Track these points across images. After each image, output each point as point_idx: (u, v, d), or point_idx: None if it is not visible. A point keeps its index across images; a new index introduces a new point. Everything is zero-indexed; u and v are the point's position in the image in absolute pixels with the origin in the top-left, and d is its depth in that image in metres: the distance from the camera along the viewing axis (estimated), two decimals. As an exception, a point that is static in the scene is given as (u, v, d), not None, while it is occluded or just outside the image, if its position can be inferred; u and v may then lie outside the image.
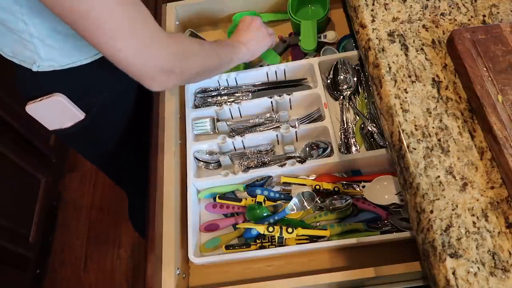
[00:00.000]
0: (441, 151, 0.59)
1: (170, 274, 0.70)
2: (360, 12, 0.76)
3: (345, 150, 0.82)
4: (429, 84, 0.65)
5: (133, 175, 1.14)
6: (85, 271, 1.68)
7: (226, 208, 0.81)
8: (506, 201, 0.55)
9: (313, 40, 0.95)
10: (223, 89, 0.92)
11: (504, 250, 0.51)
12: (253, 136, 0.85)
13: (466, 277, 0.50)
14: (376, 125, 0.83)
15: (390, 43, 0.70)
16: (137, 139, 0.97)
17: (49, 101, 0.76)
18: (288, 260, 0.76)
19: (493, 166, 0.57)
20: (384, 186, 0.78)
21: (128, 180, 1.19)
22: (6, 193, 1.48)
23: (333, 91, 0.90)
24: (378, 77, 0.68)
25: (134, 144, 1.00)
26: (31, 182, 1.66)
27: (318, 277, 0.69)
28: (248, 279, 0.76)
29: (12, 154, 1.50)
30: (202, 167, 0.87)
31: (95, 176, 1.88)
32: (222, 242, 0.78)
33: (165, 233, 0.74)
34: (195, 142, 0.86)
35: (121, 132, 0.96)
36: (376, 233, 0.74)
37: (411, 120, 0.62)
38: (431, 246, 0.54)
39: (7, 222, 1.45)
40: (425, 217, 0.55)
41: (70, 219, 1.81)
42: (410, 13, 0.73)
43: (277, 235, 0.74)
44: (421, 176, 0.58)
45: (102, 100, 0.84)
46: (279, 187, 0.83)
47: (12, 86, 0.84)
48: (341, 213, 0.78)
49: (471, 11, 0.71)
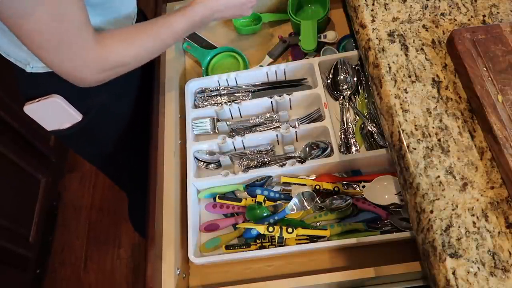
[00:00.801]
0: (441, 151, 0.59)
1: (170, 274, 0.70)
2: (360, 12, 0.76)
3: (345, 150, 0.82)
4: (429, 84, 0.65)
5: (133, 174, 1.13)
6: (85, 271, 1.68)
7: (226, 208, 0.81)
8: (506, 201, 0.55)
9: (313, 40, 0.95)
10: (223, 89, 0.92)
11: (504, 250, 0.51)
12: (253, 136, 0.85)
13: (466, 277, 0.50)
14: (376, 125, 0.83)
15: (390, 43, 0.70)
16: (137, 139, 0.97)
17: (46, 102, 0.77)
18: (288, 260, 0.76)
19: (493, 166, 0.57)
20: (384, 186, 0.78)
21: (128, 179, 1.19)
22: (6, 193, 1.48)
23: (333, 91, 0.90)
24: (378, 77, 0.68)
25: (133, 144, 1.00)
26: (31, 182, 1.66)
27: (318, 277, 0.69)
28: (248, 279, 0.76)
29: (12, 154, 1.50)
30: (202, 167, 0.87)
31: (95, 177, 1.88)
32: (222, 242, 0.78)
33: (165, 233, 0.74)
34: (195, 142, 0.86)
35: (121, 132, 0.96)
36: (376, 233, 0.74)
37: (411, 120, 0.62)
38: (431, 246, 0.54)
39: (7, 222, 1.45)
40: (425, 217, 0.55)
41: (70, 219, 1.81)
42: (410, 13, 0.73)
43: (277, 235, 0.74)
44: (421, 176, 0.58)
45: (100, 102, 0.84)
46: (279, 187, 0.83)
47: (12, 86, 0.84)
48: (341, 213, 0.78)
49: (471, 11, 0.71)
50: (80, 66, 0.65)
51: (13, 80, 0.78)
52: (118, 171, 1.14)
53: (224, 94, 0.92)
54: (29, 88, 0.78)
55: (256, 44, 1.04)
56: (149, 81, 0.94)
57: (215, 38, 1.04)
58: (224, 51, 1.01)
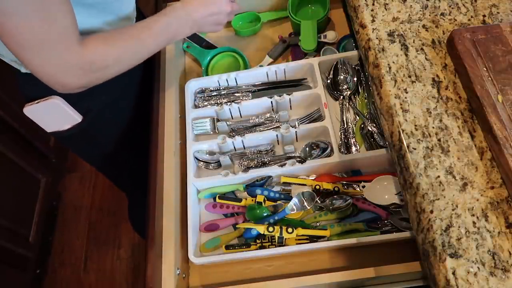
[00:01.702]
0: (441, 151, 0.59)
1: (170, 274, 0.70)
2: (360, 12, 0.76)
3: (345, 150, 0.82)
4: (429, 84, 0.65)
5: (132, 175, 1.13)
6: (85, 271, 1.68)
7: (226, 208, 0.81)
8: (506, 201, 0.55)
9: (313, 40, 0.95)
10: (223, 89, 0.92)
11: (504, 250, 0.51)
12: (253, 136, 0.85)
13: (466, 277, 0.50)
14: (376, 125, 0.83)
15: (390, 43, 0.70)
16: (137, 140, 0.97)
17: (46, 104, 0.76)
18: (288, 260, 0.76)
19: (493, 166, 0.57)
20: (384, 186, 0.78)
21: (127, 180, 1.19)
22: (6, 193, 1.48)
23: (333, 91, 0.90)
24: (378, 77, 0.68)
25: (133, 145, 1.00)
26: (31, 182, 1.66)
27: (318, 277, 0.69)
28: (248, 279, 0.76)
29: (12, 154, 1.50)
30: (202, 167, 0.87)
31: (95, 177, 1.88)
32: (222, 242, 0.78)
33: (165, 233, 0.74)
34: (195, 142, 0.86)
35: (120, 133, 0.96)
36: (376, 233, 0.74)
37: (411, 120, 0.62)
38: (431, 246, 0.54)
39: (7, 222, 1.45)
40: (425, 217, 0.55)
41: (70, 219, 1.81)
42: (410, 13, 0.73)
43: (277, 235, 0.74)
44: (421, 176, 0.58)
45: (100, 103, 0.84)
46: (279, 187, 0.83)
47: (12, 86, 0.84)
48: (341, 213, 0.78)
49: (471, 11, 0.71)
50: (62, 69, 0.63)
51: (13, 80, 0.78)
52: (118, 172, 1.14)
53: (224, 94, 0.92)
54: (28, 88, 0.77)
55: (256, 44, 1.04)
56: (149, 81, 0.94)
57: (215, 38, 1.04)
58: (224, 51, 1.01)
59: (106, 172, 1.18)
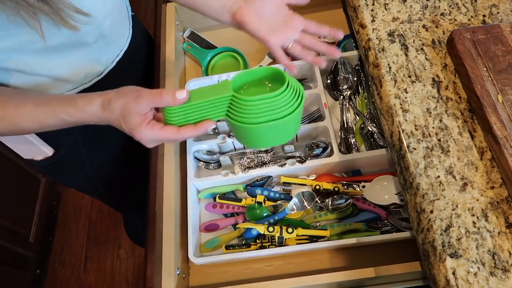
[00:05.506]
0: (441, 151, 0.59)
1: (170, 274, 0.70)
2: (360, 12, 0.76)
3: (345, 150, 0.82)
4: (429, 84, 0.65)
5: (125, 194, 1.07)
6: (85, 271, 1.68)
7: (226, 208, 0.81)
8: (506, 201, 0.55)
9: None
10: (223, 89, 0.92)
11: (504, 250, 0.51)
12: (253, 136, 0.85)
13: (466, 277, 0.50)
14: (376, 125, 0.83)
15: (390, 43, 0.70)
16: (132, 156, 0.92)
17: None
18: (288, 260, 0.76)
19: (493, 166, 0.57)
20: (384, 186, 0.78)
21: (123, 200, 1.12)
22: (6, 193, 1.48)
23: (333, 91, 0.90)
24: (378, 77, 0.68)
25: (128, 165, 0.94)
26: (31, 182, 1.66)
27: (318, 277, 0.69)
28: (248, 279, 0.76)
29: (12, 154, 1.50)
30: (202, 167, 0.87)
31: (95, 176, 1.88)
32: (222, 242, 0.78)
33: (165, 233, 0.74)
34: (195, 142, 0.86)
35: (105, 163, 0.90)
36: (376, 233, 0.74)
37: (411, 120, 0.62)
38: (431, 246, 0.54)
39: (7, 222, 1.45)
40: (425, 217, 0.55)
41: (70, 219, 1.81)
42: (410, 13, 0.73)
43: (277, 235, 0.74)
44: (421, 176, 0.58)
45: (72, 140, 0.80)
46: (279, 187, 0.83)
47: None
48: (341, 213, 0.78)
49: (471, 11, 0.71)
50: None
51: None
52: (106, 196, 1.05)
53: (224, 94, 0.92)
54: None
55: (256, 44, 1.04)
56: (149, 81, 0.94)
57: (215, 38, 1.04)
58: (224, 51, 1.01)
59: (96, 197, 1.10)
